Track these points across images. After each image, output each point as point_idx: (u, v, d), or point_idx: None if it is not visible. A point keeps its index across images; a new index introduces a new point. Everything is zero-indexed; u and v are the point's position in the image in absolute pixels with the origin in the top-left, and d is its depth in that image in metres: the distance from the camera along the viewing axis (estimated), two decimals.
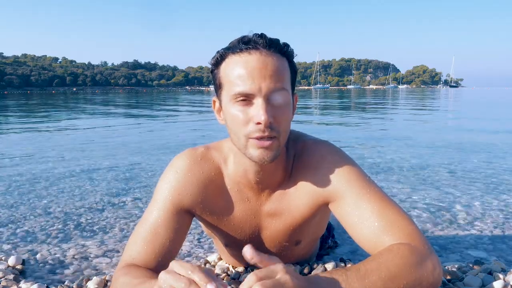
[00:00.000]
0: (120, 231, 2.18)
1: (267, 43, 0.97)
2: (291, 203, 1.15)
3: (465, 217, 2.33)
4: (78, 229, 2.21)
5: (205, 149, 1.18)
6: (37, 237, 2.10)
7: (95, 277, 1.48)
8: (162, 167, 3.73)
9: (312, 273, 1.38)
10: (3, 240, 2.06)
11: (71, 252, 1.87)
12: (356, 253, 1.78)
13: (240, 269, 1.48)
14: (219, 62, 1.02)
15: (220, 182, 1.16)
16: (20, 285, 1.45)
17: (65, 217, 2.42)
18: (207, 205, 1.16)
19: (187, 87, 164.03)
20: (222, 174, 1.16)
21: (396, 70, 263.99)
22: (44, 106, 20.55)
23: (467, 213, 2.39)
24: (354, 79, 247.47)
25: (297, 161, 1.14)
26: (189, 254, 1.86)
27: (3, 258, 1.73)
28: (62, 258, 1.81)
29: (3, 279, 1.49)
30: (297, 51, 1.05)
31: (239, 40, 0.99)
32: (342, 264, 1.55)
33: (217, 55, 1.02)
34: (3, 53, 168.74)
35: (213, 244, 1.81)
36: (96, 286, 1.43)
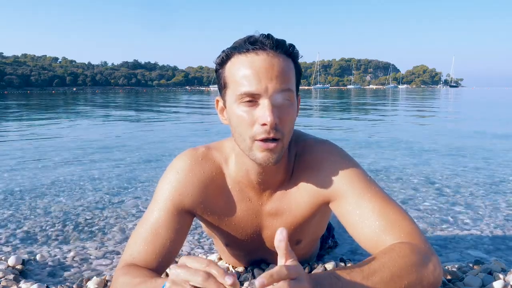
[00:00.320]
0: (120, 231, 2.18)
1: (274, 44, 0.96)
2: (292, 203, 1.15)
3: (465, 217, 2.33)
4: (77, 230, 2.21)
5: (206, 149, 1.18)
6: (37, 238, 2.10)
7: (95, 277, 1.48)
8: (162, 168, 3.74)
9: (312, 273, 1.38)
10: (3, 240, 2.06)
11: (71, 253, 1.86)
12: (356, 253, 1.78)
13: (240, 269, 1.48)
14: (224, 61, 1.01)
15: (221, 182, 1.16)
16: (20, 285, 1.45)
17: (65, 217, 2.42)
18: (208, 205, 1.16)
19: (187, 87, 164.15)
20: (223, 174, 1.16)
21: (396, 70, 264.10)
22: (44, 106, 20.54)
23: (467, 213, 2.39)
24: (354, 79, 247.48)
25: (298, 161, 1.14)
26: (189, 254, 1.86)
27: (3, 258, 1.73)
28: (62, 258, 1.81)
29: (3, 279, 1.48)
30: None
31: (245, 40, 0.98)
32: (342, 264, 1.55)
33: (223, 54, 1.01)
34: (3, 53, 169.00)
35: (213, 244, 1.80)
36: (96, 286, 1.43)
